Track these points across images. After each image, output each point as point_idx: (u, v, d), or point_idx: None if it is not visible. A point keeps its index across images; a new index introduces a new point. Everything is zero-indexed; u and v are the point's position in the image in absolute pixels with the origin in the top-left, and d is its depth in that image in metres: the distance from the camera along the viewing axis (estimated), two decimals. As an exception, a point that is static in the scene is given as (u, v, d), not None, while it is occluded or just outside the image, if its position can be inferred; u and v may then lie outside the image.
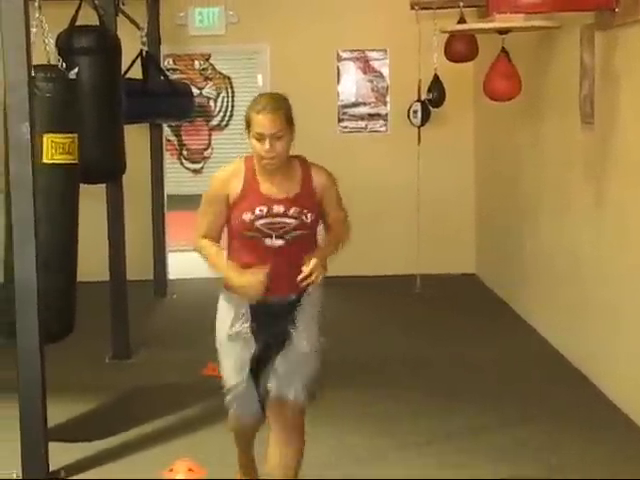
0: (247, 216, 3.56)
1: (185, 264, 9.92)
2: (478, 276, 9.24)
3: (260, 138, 3.51)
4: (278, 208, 3.57)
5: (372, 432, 5.02)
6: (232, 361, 3.72)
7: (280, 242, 3.59)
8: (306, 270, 3.52)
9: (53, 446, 4.49)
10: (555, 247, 6.61)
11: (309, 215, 3.61)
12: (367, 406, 5.46)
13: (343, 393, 5.59)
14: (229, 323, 3.70)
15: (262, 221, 3.57)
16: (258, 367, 3.71)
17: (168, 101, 7.89)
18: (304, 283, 3.55)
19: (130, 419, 5.25)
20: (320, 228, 3.76)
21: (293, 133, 3.58)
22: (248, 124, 3.55)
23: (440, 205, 9.23)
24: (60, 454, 4.57)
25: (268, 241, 3.59)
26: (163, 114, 8.14)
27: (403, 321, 7.59)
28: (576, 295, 6.10)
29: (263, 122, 3.49)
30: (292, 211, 3.58)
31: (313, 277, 3.53)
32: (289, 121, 3.55)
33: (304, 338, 3.67)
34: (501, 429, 5.05)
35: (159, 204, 8.78)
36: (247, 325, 3.67)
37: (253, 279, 3.52)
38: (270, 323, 3.66)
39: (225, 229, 3.71)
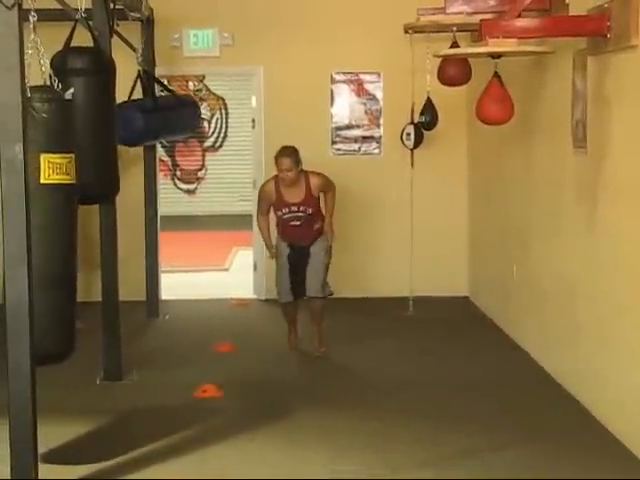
0: (279, 212, 7.05)
1: (178, 285, 9.95)
2: (471, 299, 9.25)
3: (279, 170, 6.90)
4: (294, 208, 6.98)
5: (361, 452, 5.01)
6: (281, 272, 7.15)
7: (298, 222, 7.02)
8: (325, 228, 7.08)
9: (44, 469, 4.46)
10: (547, 271, 6.62)
11: (310, 209, 7.00)
12: (358, 425, 5.45)
13: (334, 414, 5.64)
14: (281, 252, 7.12)
15: (287, 214, 7.00)
16: (293, 276, 7.10)
17: (178, 113, 8.00)
18: (320, 233, 7.10)
19: (122, 441, 5.23)
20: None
21: (300, 165, 6.93)
22: (276, 160, 6.94)
23: (433, 227, 9.25)
24: (52, 477, 4.54)
25: (292, 222, 7.02)
26: (178, 126, 8.21)
27: (395, 343, 7.58)
28: (567, 319, 6.11)
29: (280, 162, 6.90)
30: (301, 209, 6.98)
31: (325, 230, 7.07)
32: (296, 162, 6.88)
33: (319, 259, 7.07)
34: (492, 452, 5.04)
35: (152, 225, 8.77)
36: (287, 253, 7.11)
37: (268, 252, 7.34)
38: (299, 255, 7.08)
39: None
